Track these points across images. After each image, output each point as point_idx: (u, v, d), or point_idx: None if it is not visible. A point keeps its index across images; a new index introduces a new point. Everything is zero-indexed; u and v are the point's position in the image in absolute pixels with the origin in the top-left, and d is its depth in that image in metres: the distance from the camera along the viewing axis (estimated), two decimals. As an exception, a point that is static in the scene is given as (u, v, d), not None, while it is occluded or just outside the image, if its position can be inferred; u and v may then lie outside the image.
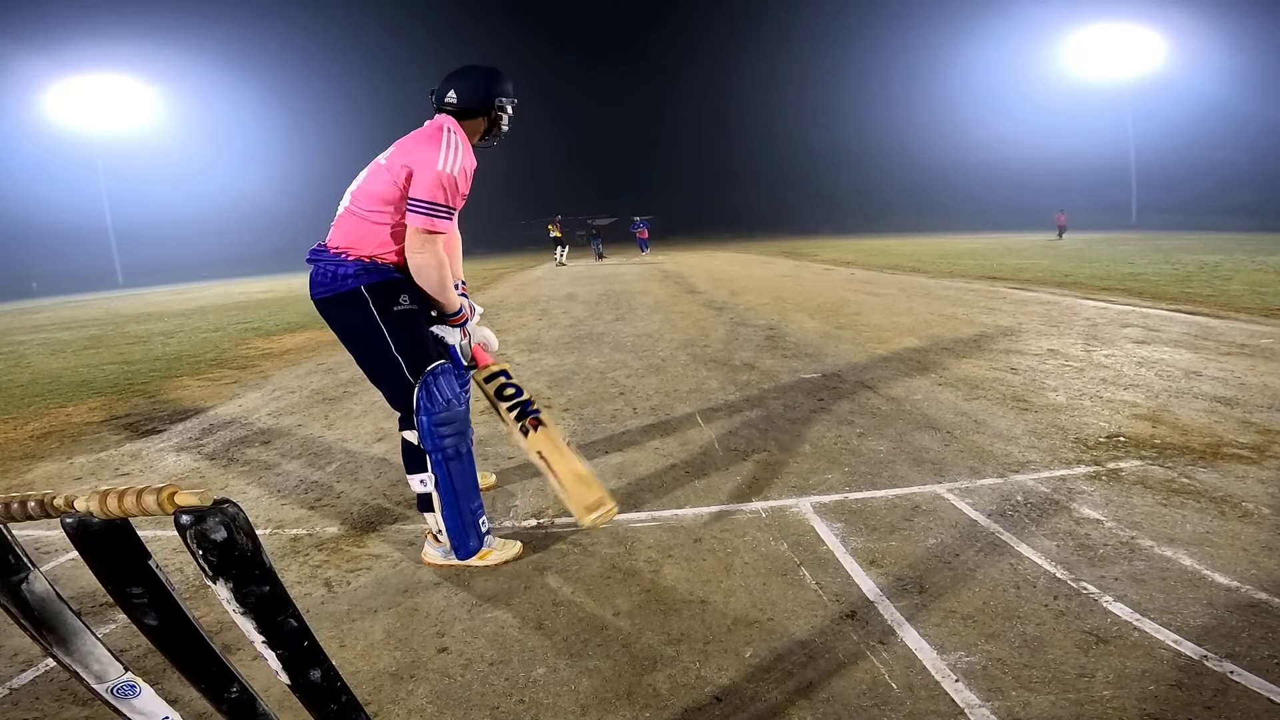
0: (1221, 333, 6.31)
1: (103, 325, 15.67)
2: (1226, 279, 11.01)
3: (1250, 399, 4.12)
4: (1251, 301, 8.31)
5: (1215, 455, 3.21)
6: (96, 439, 4.83)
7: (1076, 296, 9.38)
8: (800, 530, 2.64)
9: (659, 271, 19.04)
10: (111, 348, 10.64)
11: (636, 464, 3.48)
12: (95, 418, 5.53)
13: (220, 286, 36.30)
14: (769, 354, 6.01)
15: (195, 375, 7.19)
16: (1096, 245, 22.98)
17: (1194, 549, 2.33)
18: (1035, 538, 2.46)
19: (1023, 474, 3.07)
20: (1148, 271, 12.71)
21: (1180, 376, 4.71)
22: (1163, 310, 7.82)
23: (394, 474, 3.57)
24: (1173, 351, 5.52)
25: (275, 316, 13.58)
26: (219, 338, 10.46)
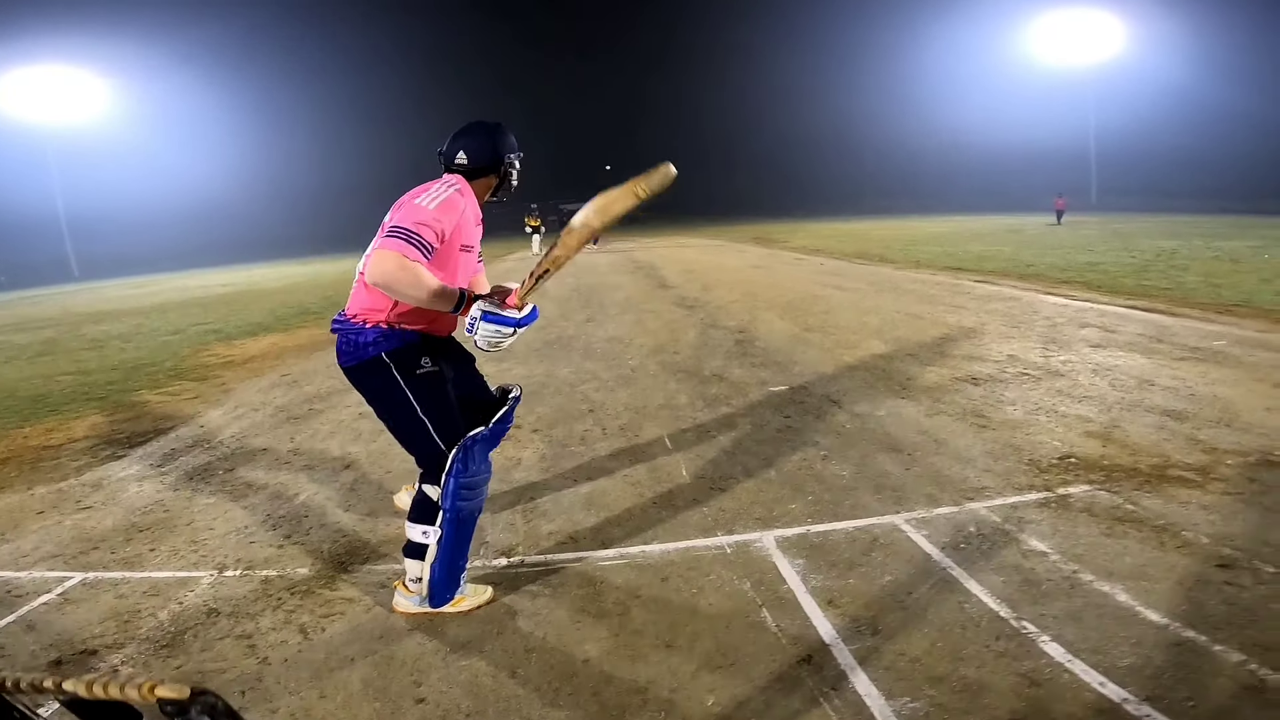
0: (1175, 334, 6.51)
1: (58, 326, 15.36)
2: (1183, 269, 11.36)
3: (1200, 412, 4.27)
4: (1206, 295, 8.58)
5: (1161, 478, 3.34)
6: (56, 466, 4.77)
7: (1038, 291, 9.62)
8: (763, 568, 2.72)
9: (630, 262, 19.04)
10: (67, 354, 10.46)
11: (605, 494, 3.54)
12: (54, 440, 5.45)
13: (178, 279, 35.60)
14: (738, 362, 6.10)
15: (154, 389, 7.09)
16: (1056, 232, 23.43)
17: (1130, 583, 2.45)
18: (984, 573, 2.57)
19: (977, 501, 3.18)
20: (1106, 260, 13.06)
21: (1134, 386, 4.87)
22: (1119, 308, 8.04)
23: (362, 507, 3.60)
24: (1127, 357, 5.69)
25: (236, 316, 13.40)
26: (178, 343, 10.31)
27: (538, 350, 7.17)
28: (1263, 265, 11.53)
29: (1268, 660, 2.01)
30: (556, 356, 6.83)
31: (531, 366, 6.43)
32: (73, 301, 25.47)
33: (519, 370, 6.34)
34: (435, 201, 2.38)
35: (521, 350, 7.17)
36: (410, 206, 2.37)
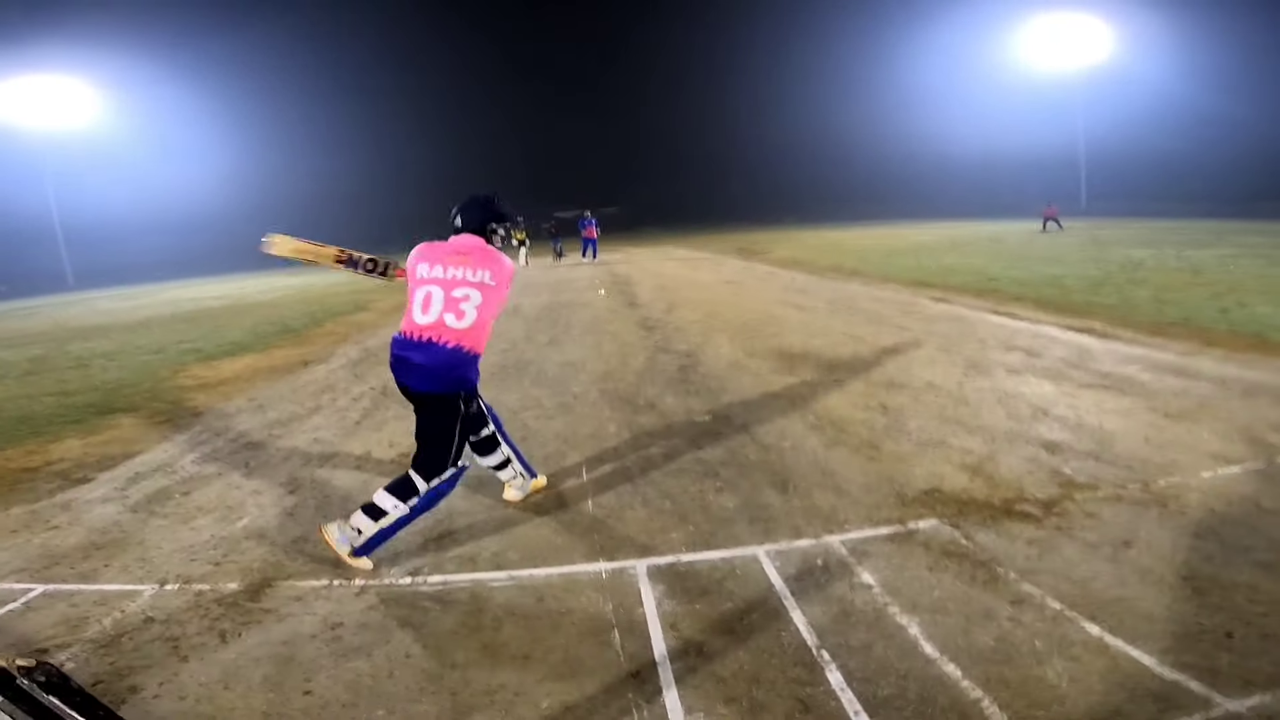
0: (1095, 357, 6.93)
1: (46, 343, 15.68)
2: (1140, 283, 11.86)
3: (1076, 444, 4.68)
4: (1147, 314, 9.05)
5: (1006, 513, 3.74)
6: (31, 488, 5.18)
7: (985, 310, 10.06)
8: (628, 592, 3.14)
9: (610, 277, 19.44)
10: (52, 373, 10.83)
11: (514, 520, 3.96)
12: (33, 463, 5.85)
13: (172, 290, 35.93)
14: (675, 390, 6.50)
15: (129, 412, 7.46)
16: (1036, 241, 24.01)
17: (925, 616, 2.85)
18: (811, 604, 2.98)
19: (835, 534, 3.59)
20: (1069, 274, 13.56)
21: (1027, 416, 5.28)
22: (1056, 329, 8.49)
23: (294, 530, 4.02)
24: (1036, 384, 6.11)
25: (219, 333, 13.75)
26: (157, 363, 10.66)
27: (493, 375, 7.54)
28: (1221, 278, 12.04)
29: (1000, 697, 2.38)
30: (509, 382, 7.23)
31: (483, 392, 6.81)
32: (65, 314, 25.78)
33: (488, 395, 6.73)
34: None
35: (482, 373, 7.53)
36: None
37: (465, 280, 3.47)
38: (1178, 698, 2.34)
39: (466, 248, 3.56)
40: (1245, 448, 4.50)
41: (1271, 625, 2.69)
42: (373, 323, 13.69)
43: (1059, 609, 2.86)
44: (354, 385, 7.65)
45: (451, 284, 3.46)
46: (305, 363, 9.49)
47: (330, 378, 8.24)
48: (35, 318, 25.89)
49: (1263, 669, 2.45)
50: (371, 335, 11.63)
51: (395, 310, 15.04)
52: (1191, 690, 2.37)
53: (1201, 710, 2.29)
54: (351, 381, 7.86)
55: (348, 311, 15.87)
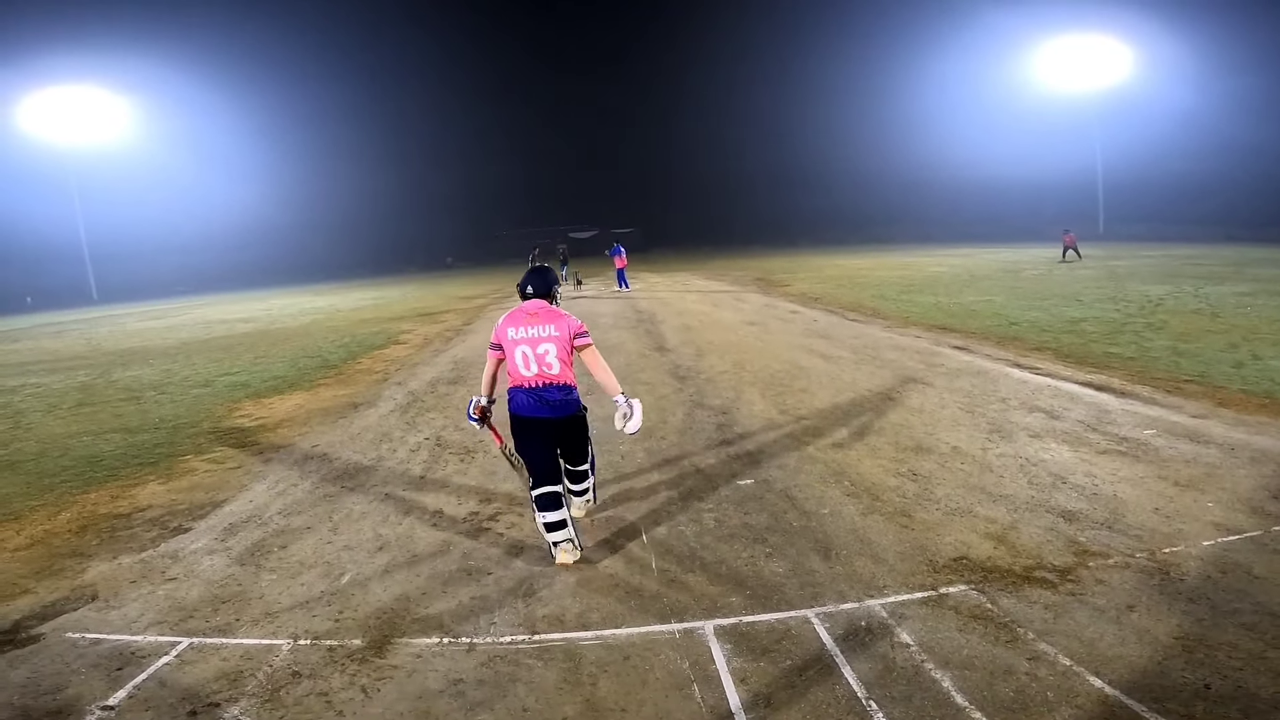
0: (1113, 419, 7.37)
1: (88, 368, 16.35)
2: (1158, 329, 12.41)
3: (1091, 513, 5.15)
4: (1165, 367, 9.56)
5: (1027, 580, 4.23)
6: (131, 536, 5.73)
7: (1007, 363, 10.49)
8: (700, 650, 3.64)
9: (633, 312, 19.81)
10: (105, 404, 11.47)
11: (589, 582, 4.47)
12: (121, 509, 6.40)
13: (198, 309, 36.67)
14: (716, 451, 6.95)
15: (199, 454, 8.03)
16: (1054, 274, 24.53)
17: (956, 672, 3.35)
18: (858, 660, 3.48)
19: (876, 599, 4.09)
20: (1088, 317, 14.12)
21: (1048, 485, 5.74)
22: (1075, 385, 8.95)
23: (396, 589, 4.53)
24: (1056, 449, 6.57)
25: (260, 366, 14.33)
26: (210, 398, 11.26)
27: None
28: (1238, 323, 12.60)
29: None
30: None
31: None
32: (96, 334, 26.50)
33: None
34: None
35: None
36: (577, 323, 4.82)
37: (540, 337, 4.62)
38: None
39: (535, 309, 4.71)
40: (1245, 517, 4.96)
41: (1245, 678, 3.20)
42: (407, 358, 14.21)
43: (1069, 665, 3.37)
44: (409, 434, 8.16)
45: (535, 341, 4.60)
46: (354, 405, 10.03)
47: (383, 424, 8.77)
48: (66, 336, 26.64)
49: (1231, 715, 2.99)
50: (411, 375, 12.16)
51: (425, 345, 15.65)
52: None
53: None
54: (406, 430, 8.37)
55: (380, 345, 16.45)
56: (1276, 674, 3.21)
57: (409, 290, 39.13)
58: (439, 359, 13.73)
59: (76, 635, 4.16)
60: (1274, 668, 3.25)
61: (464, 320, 20.82)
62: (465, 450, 7.36)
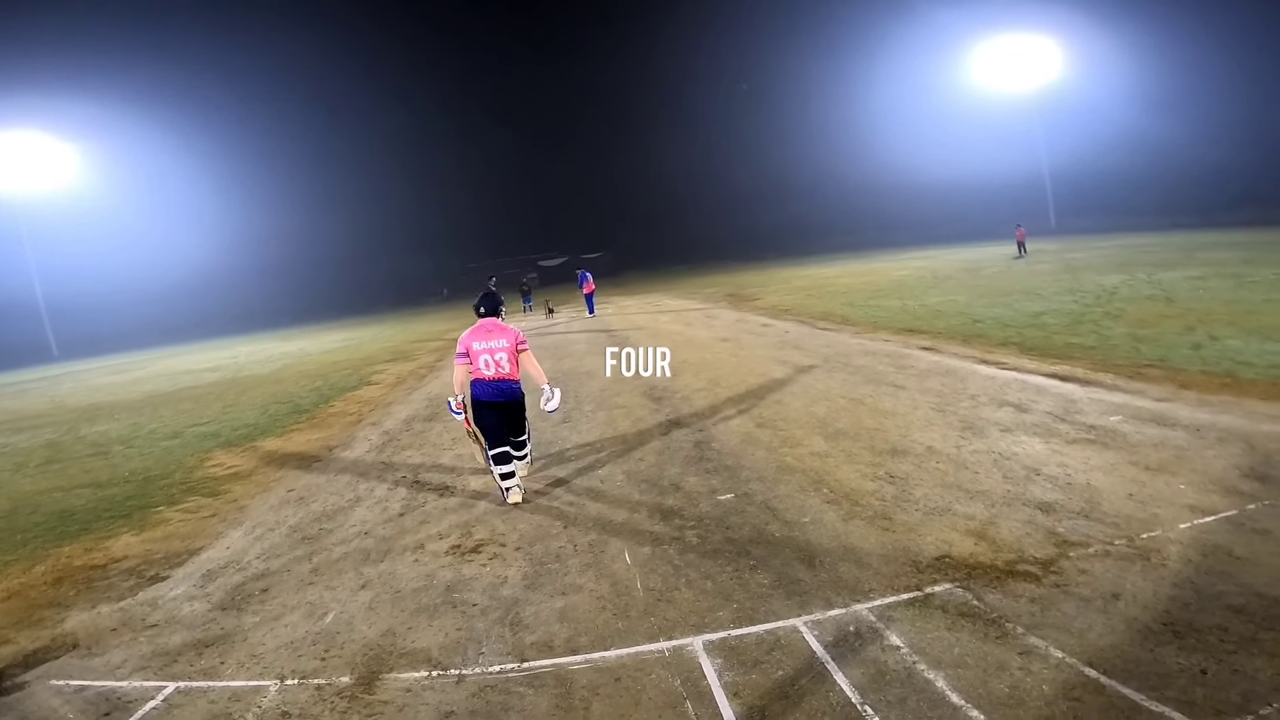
0: (1080, 409, 7.53)
1: (54, 425, 16.06)
2: (1115, 317, 12.74)
3: (1067, 504, 5.22)
4: (1125, 354, 9.79)
5: (1010, 574, 4.28)
6: (109, 586, 5.65)
7: (974, 360, 10.71)
8: (691, 667, 3.63)
9: (607, 337, 19.72)
10: (73, 461, 11.25)
11: (575, 608, 4.44)
12: (96, 560, 6.31)
13: (161, 360, 36.15)
14: (694, 469, 6.96)
15: (171, 505, 7.89)
16: (1014, 270, 25.12)
17: (950, 672, 3.37)
18: (850, 667, 3.49)
19: (863, 603, 4.10)
20: (1048, 310, 14.46)
21: (1022, 478, 5.82)
22: (1041, 377, 9.15)
23: (381, 625, 4.48)
24: (1028, 442, 6.67)
25: (230, 415, 14.09)
26: (180, 450, 11.06)
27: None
28: (1192, 306, 13.02)
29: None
30: (537, 467, 7.66)
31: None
32: (60, 391, 26.00)
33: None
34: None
35: None
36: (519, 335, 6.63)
37: (496, 347, 6.47)
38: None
39: (490, 326, 6.55)
40: (1219, 498, 5.07)
41: (1240, 661, 3.23)
42: (380, 398, 14.03)
43: (1061, 657, 3.40)
44: (386, 473, 8.08)
45: (493, 350, 6.47)
46: (329, 448, 9.92)
47: (359, 465, 8.67)
48: (28, 395, 26.16)
49: (1231, 699, 3.01)
50: (385, 414, 12.03)
51: (399, 384, 15.51)
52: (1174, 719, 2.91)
53: None
54: (383, 470, 8.29)
55: (353, 387, 16.21)
56: (1272, 655, 3.25)
57: (380, 329, 38.82)
58: (413, 397, 13.61)
59: (61, 682, 4.14)
60: (1268, 650, 3.29)
61: (437, 356, 20.65)
62: (443, 486, 7.31)
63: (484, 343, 6.46)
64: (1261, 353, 9.19)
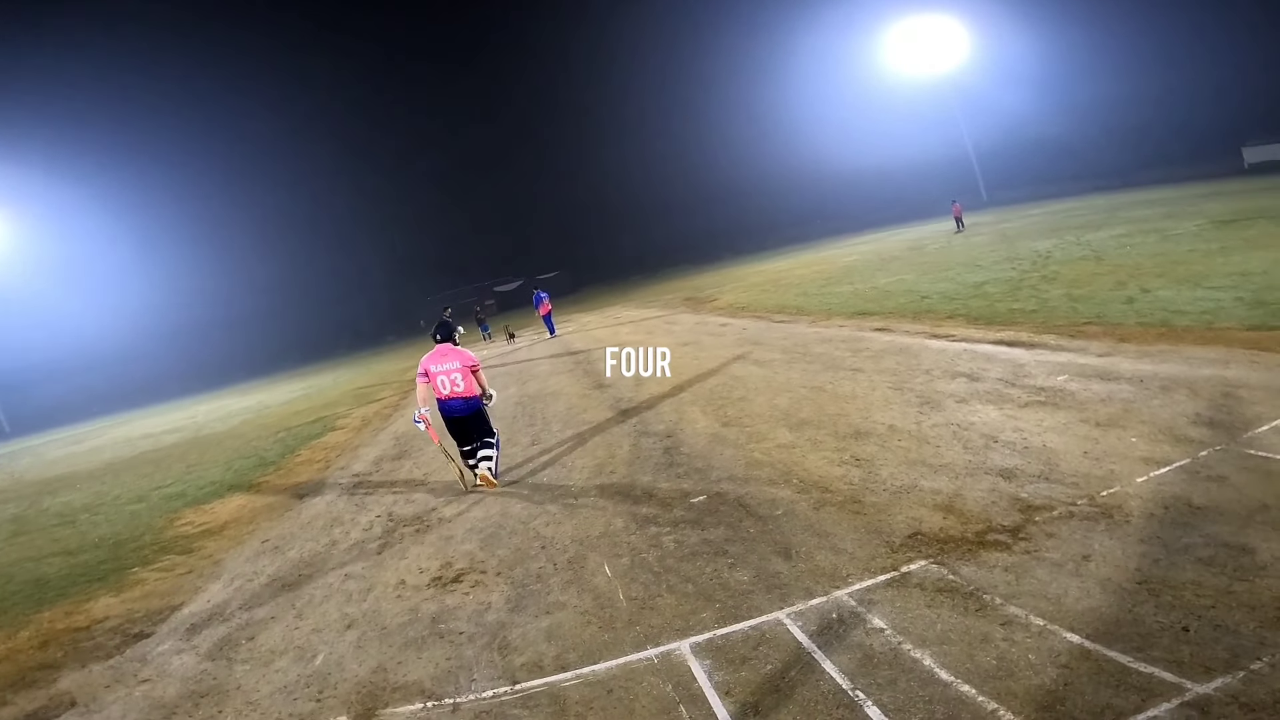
0: (1028, 372, 7.80)
1: (16, 500, 15.69)
2: (1052, 280, 13.25)
3: (1027, 468, 5.38)
4: (1064, 315, 10.16)
5: (981, 544, 4.40)
6: (95, 645, 5.62)
7: (925, 335, 11.03)
8: (680, 671, 3.69)
9: (569, 355, 19.68)
10: (40, 531, 11.02)
11: (561, 625, 4.47)
12: (79, 622, 6.25)
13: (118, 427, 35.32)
14: (665, 474, 7.03)
15: (145, 565, 7.76)
16: (954, 245, 25.83)
17: (936, 649, 3.46)
18: (837, 653, 3.57)
19: (842, 589, 4.20)
20: (989, 280, 14.96)
21: (980, 446, 5.99)
22: (989, 345, 9.47)
23: (371, 662, 4.47)
24: (982, 410, 6.87)
25: (196, 473, 13.82)
26: (147, 513, 10.84)
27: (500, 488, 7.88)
28: (1121, 263, 13.59)
29: (1013, 706, 3.00)
30: (510, 491, 7.67)
31: (488, 506, 7.28)
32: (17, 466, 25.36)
33: (476, 511, 7.19)
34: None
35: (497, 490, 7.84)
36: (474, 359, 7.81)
37: (452, 369, 7.59)
38: (1155, 687, 2.96)
39: (445, 351, 7.69)
40: (1171, 447, 5.27)
41: (1220, 616, 3.31)
42: (347, 443, 13.85)
43: (1043, 624, 3.49)
44: (360, 515, 8.01)
45: (449, 372, 7.59)
46: (300, 496, 9.80)
47: (332, 509, 8.59)
48: (-15, 471, 25.33)
49: (1219, 655, 3.08)
50: (353, 458, 11.90)
51: (364, 427, 15.35)
52: (1166, 680, 2.99)
53: (1177, 695, 2.90)
54: (356, 511, 8.22)
55: (317, 434, 15.94)
56: (1251, 608, 3.33)
57: (340, 374, 38.28)
58: (380, 437, 13.46)
59: None
60: (1246, 601, 3.38)
61: (400, 394, 20.46)
62: (419, 520, 7.27)
63: (439, 365, 7.59)
64: (1192, 300, 9.56)
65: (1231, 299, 9.30)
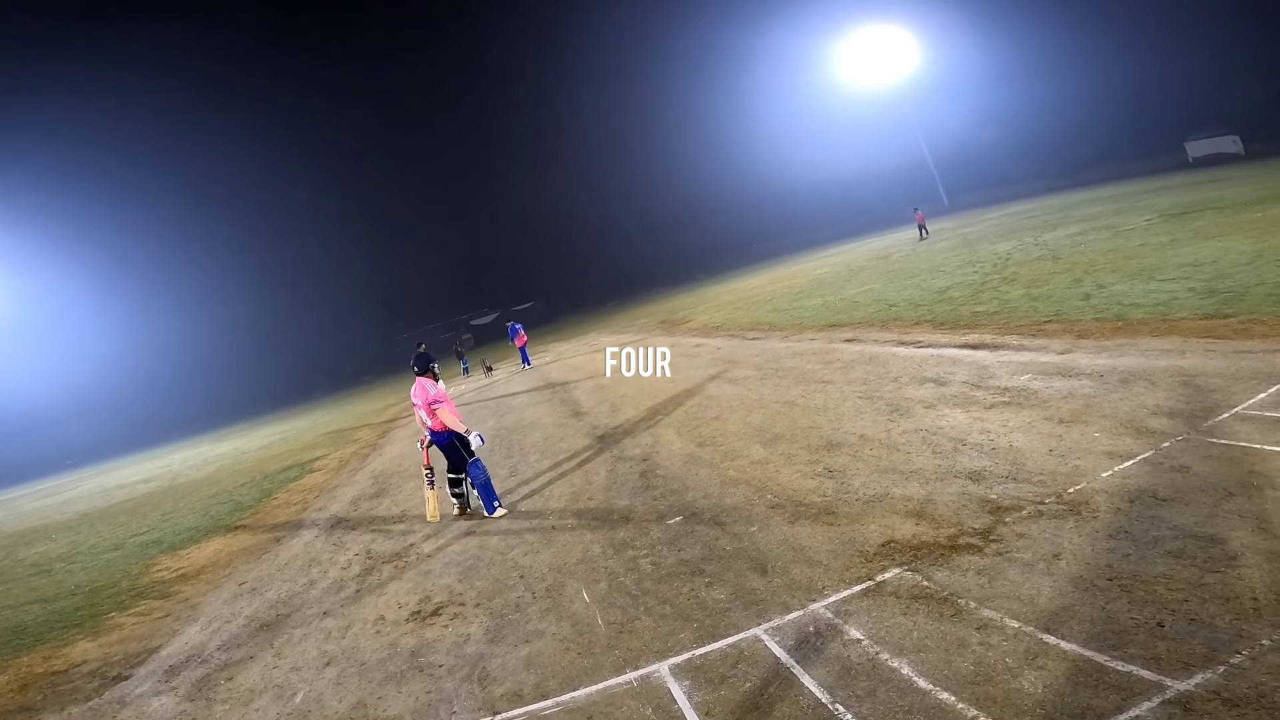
0: (993, 374, 7.89)
1: (-9, 554, 15.34)
2: (1011, 280, 13.48)
3: (995, 469, 5.45)
4: (1025, 315, 10.32)
5: (953, 548, 4.44)
6: (74, 689, 5.59)
7: (893, 344, 11.13)
8: (660, 694, 3.69)
9: (546, 385, 19.49)
10: (17, 581, 10.87)
11: (540, 653, 4.46)
12: (57, 666, 6.20)
13: (92, 478, 34.70)
14: (641, 497, 7.04)
15: (122, 610, 7.67)
16: (919, 252, 26.16)
17: (913, 656, 3.48)
18: (815, 667, 3.58)
19: (818, 601, 4.22)
20: (953, 284, 15.18)
21: (949, 450, 6.05)
22: (955, 349, 9.58)
23: (351, 698, 4.45)
24: (950, 414, 6.95)
25: (170, 521, 13.61)
26: (122, 560, 10.69)
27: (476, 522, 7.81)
28: (1077, 260, 13.91)
29: (992, 711, 3.02)
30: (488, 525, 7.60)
31: (466, 540, 7.22)
32: (-10, 519, 24.81)
33: (455, 546, 7.14)
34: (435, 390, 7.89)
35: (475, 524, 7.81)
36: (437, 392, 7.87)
37: (417, 405, 7.98)
38: (1135, 686, 2.97)
39: (419, 385, 7.98)
40: (1133, 440, 5.35)
41: (1194, 609, 3.33)
42: (324, 484, 13.70)
43: (1018, 626, 3.51)
44: (337, 554, 7.93)
45: (416, 407, 8.03)
46: (277, 539, 9.68)
47: (309, 550, 8.50)
48: (-42, 527, 24.73)
49: (1196, 650, 3.08)
50: (330, 499, 11.77)
51: (341, 468, 15.21)
52: (1145, 678, 2.99)
53: (1158, 693, 2.91)
54: (334, 550, 8.14)
55: (295, 478, 15.74)
56: (1224, 600, 3.34)
57: (316, 415, 37.90)
58: (357, 477, 13.33)
59: None
60: (1219, 594, 3.39)
61: (378, 434, 20.29)
62: (397, 557, 7.22)
63: (414, 399, 8.10)
64: (1146, 293, 9.76)
65: (1184, 289, 9.51)
